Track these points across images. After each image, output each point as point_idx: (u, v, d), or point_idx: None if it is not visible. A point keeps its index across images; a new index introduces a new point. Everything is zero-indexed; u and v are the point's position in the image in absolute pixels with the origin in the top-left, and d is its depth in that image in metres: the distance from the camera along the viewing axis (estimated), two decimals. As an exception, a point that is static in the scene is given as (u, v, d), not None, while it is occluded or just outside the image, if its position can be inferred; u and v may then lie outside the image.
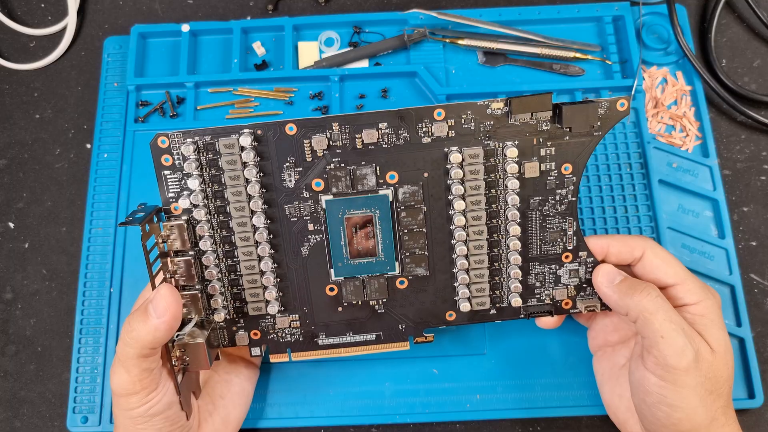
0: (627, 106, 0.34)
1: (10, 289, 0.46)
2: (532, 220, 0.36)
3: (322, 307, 0.37)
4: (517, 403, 0.41)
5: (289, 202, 0.35)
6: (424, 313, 0.37)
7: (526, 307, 0.37)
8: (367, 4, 0.53)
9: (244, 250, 0.35)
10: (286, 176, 0.35)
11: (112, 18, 0.54)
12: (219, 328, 0.36)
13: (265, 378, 0.42)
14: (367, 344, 0.37)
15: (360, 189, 0.35)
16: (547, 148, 0.35)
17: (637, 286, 0.34)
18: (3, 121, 0.51)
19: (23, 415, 0.43)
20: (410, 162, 0.35)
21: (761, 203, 0.46)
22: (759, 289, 0.44)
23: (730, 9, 0.52)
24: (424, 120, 0.34)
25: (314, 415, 0.41)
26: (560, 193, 0.35)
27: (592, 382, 0.40)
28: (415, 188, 0.35)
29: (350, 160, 0.35)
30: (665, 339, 0.32)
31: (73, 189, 0.48)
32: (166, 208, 0.34)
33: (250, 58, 0.50)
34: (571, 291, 0.37)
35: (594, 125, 0.34)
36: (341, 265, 0.36)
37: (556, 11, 0.50)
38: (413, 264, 0.36)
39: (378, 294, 0.36)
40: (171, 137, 0.34)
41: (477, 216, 0.35)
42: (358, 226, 0.35)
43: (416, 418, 0.41)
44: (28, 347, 0.45)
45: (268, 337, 0.37)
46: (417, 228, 0.36)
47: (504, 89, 0.48)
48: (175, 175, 0.34)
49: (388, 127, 0.34)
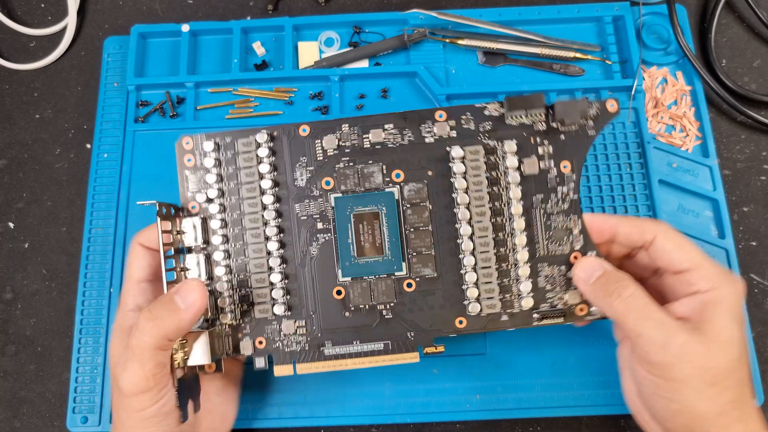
0: (616, 107, 0.36)
1: (10, 289, 0.46)
2: (536, 219, 0.36)
3: (330, 311, 0.36)
4: (517, 403, 0.41)
5: (300, 201, 0.37)
6: (433, 320, 0.36)
7: (538, 311, 0.36)
8: (367, 4, 0.53)
9: (254, 248, 0.36)
10: (298, 175, 0.37)
11: (112, 18, 0.54)
12: (224, 335, 0.36)
13: (265, 378, 0.42)
14: (375, 355, 0.36)
15: (367, 186, 0.36)
16: (545, 146, 0.36)
17: (609, 286, 0.33)
18: (3, 121, 0.51)
19: (23, 415, 0.43)
20: (415, 161, 0.36)
21: (761, 203, 0.46)
22: (759, 289, 0.44)
23: (730, 9, 0.52)
24: (427, 121, 0.36)
25: (314, 415, 0.41)
26: (562, 190, 0.36)
27: (593, 382, 0.40)
28: (419, 185, 0.36)
29: (358, 159, 0.36)
30: (643, 337, 0.31)
31: (73, 189, 0.48)
32: (184, 207, 0.37)
33: (250, 58, 0.50)
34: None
35: (585, 119, 0.36)
36: (348, 265, 0.36)
37: (556, 11, 0.50)
38: (420, 264, 0.36)
39: (385, 297, 0.36)
40: (195, 138, 0.37)
41: (481, 212, 0.36)
42: (366, 224, 0.36)
43: (416, 418, 0.41)
44: (28, 347, 0.45)
45: (273, 345, 0.36)
46: (423, 226, 0.36)
47: (504, 89, 0.48)
48: (196, 175, 0.37)
49: (393, 128, 0.36)
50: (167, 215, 0.35)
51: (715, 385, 0.31)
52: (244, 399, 0.42)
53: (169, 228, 0.35)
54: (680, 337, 0.31)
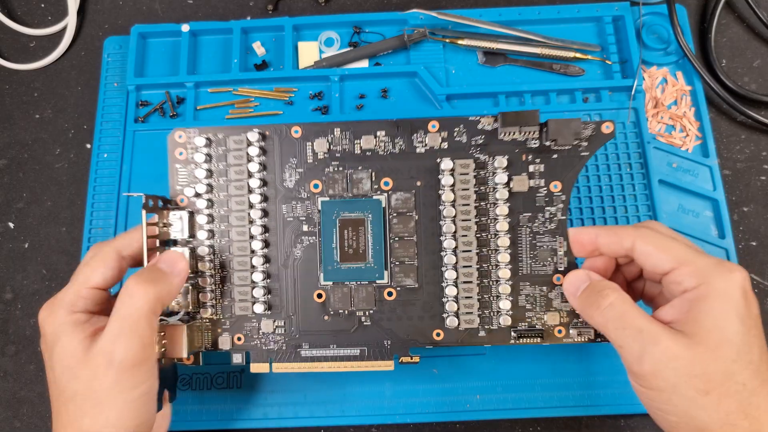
0: (612, 128, 0.35)
1: (10, 289, 0.46)
2: (521, 237, 0.36)
3: (309, 313, 0.37)
4: (517, 403, 0.41)
5: (287, 202, 0.37)
6: (411, 330, 0.36)
7: (516, 330, 0.36)
8: (367, 4, 0.53)
9: (239, 245, 0.36)
10: (287, 176, 0.37)
11: (112, 18, 0.54)
12: (204, 329, 0.36)
13: (265, 378, 0.42)
14: (350, 360, 0.36)
15: (355, 192, 0.36)
16: (536, 165, 0.36)
17: (591, 298, 0.32)
18: (3, 121, 0.51)
19: (23, 414, 0.43)
20: (404, 170, 0.36)
21: (761, 203, 0.46)
22: (759, 289, 0.44)
23: (730, 9, 0.52)
24: (419, 130, 0.36)
25: (314, 415, 0.41)
26: (550, 210, 0.36)
27: (592, 382, 0.40)
28: (407, 195, 0.36)
29: (348, 164, 0.37)
30: (623, 347, 0.30)
31: (73, 189, 0.48)
32: (173, 199, 0.37)
33: (250, 58, 0.50)
34: (564, 317, 0.36)
35: (579, 139, 0.35)
36: (331, 269, 0.36)
37: (556, 11, 0.50)
38: (402, 274, 0.36)
39: (365, 304, 0.36)
40: (187, 132, 0.37)
41: (467, 226, 0.36)
42: (351, 229, 0.36)
43: (416, 418, 0.41)
44: (27, 347, 0.45)
45: (251, 343, 0.37)
46: (407, 236, 0.36)
47: (504, 89, 0.48)
48: (186, 169, 0.37)
49: (385, 135, 0.36)
50: (154, 207, 0.35)
51: (710, 393, 0.28)
52: (245, 399, 0.42)
53: (155, 221, 0.35)
54: (661, 343, 0.29)
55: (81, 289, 0.33)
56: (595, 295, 0.32)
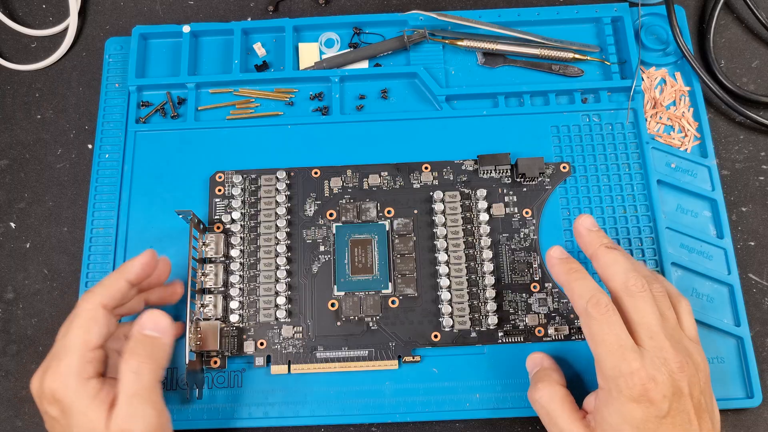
0: (568, 169, 0.45)
1: (11, 289, 0.47)
2: (502, 254, 0.43)
3: (324, 320, 0.42)
4: (517, 403, 0.41)
5: (307, 228, 0.44)
6: (412, 333, 0.42)
7: (502, 330, 0.42)
8: (367, 5, 0.54)
9: (266, 262, 0.43)
10: (307, 207, 0.45)
11: (113, 19, 0.54)
12: (230, 336, 0.42)
13: (265, 378, 0.42)
14: (359, 360, 0.42)
15: (364, 219, 0.44)
16: (510, 195, 0.45)
17: (533, 383, 0.38)
18: (4, 121, 0.51)
19: (24, 414, 0.44)
20: (404, 201, 0.45)
21: (759, 203, 0.47)
22: (757, 288, 0.45)
23: (729, 10, 0.52)
24: (415, 171, 0.45)
25: (314, 415, 0.41)
26: (524, 231, 0.44)
27: (591, 381, 0.40)
28: (407, 221, 0.44)
29: (357, 197, 0.45)
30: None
31: (75, 189, 0.49)
32: (210, 227, 0.44)
33: (250, 59, 0.51)
34: (542, 318, 0.42)
35: (543, 174, 0.45)
36: (343, 281, 0.43)
37: (555, 12, 0.50)
38: (404, 284, 0.43)
39: (373, 310, 0.42)
40: (226, 174, 0.45)
41: (456, 244, 0.43)
42: (360, 248, 0.43)
43: (416, 417, 0.41)
44: (29, 347, 0.45)
45: (272, 347, 0.42)
46: (408, 253, 0.43)
47: (503, 90, 0.48)
48: (223, 202, 0.45)
49: (388, 175, 0.45)
50: (197, 226, 0.42)
51: None
52: (245, 399, 0.42)
53: (197, 236, 0.42)
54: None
55: (86, 354, 0.34)
56: (536, 382, 0.37)
